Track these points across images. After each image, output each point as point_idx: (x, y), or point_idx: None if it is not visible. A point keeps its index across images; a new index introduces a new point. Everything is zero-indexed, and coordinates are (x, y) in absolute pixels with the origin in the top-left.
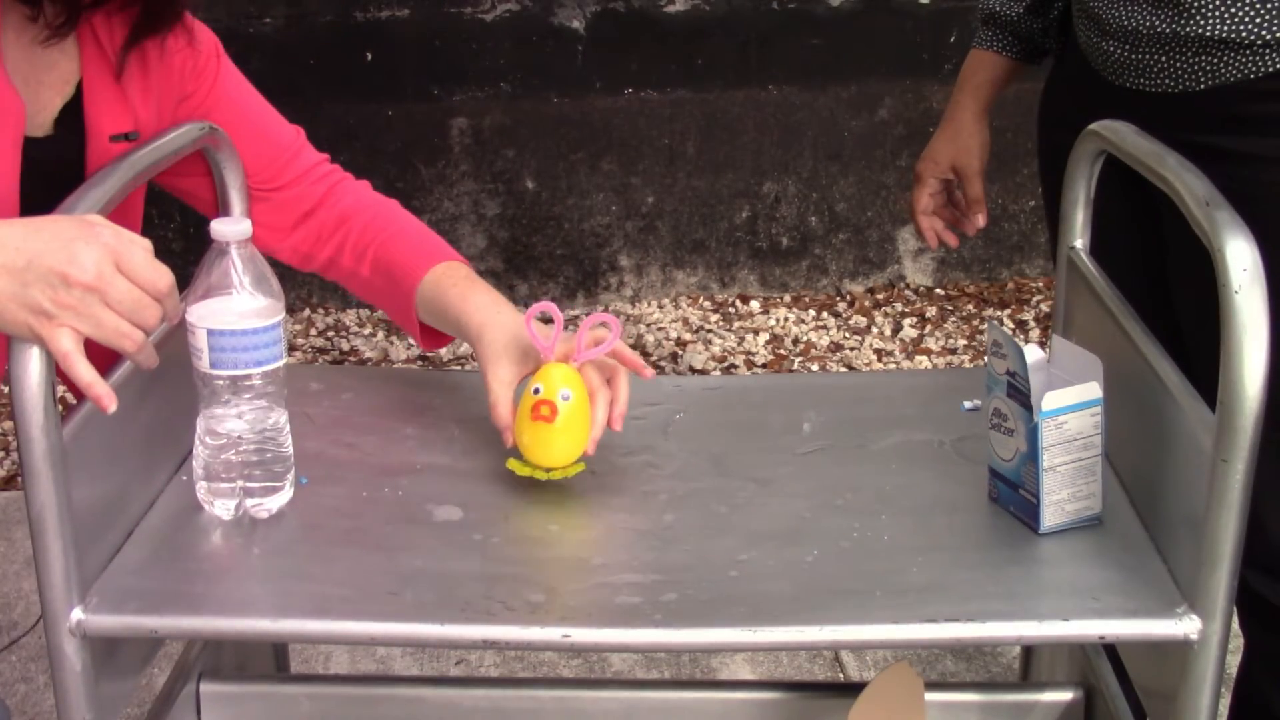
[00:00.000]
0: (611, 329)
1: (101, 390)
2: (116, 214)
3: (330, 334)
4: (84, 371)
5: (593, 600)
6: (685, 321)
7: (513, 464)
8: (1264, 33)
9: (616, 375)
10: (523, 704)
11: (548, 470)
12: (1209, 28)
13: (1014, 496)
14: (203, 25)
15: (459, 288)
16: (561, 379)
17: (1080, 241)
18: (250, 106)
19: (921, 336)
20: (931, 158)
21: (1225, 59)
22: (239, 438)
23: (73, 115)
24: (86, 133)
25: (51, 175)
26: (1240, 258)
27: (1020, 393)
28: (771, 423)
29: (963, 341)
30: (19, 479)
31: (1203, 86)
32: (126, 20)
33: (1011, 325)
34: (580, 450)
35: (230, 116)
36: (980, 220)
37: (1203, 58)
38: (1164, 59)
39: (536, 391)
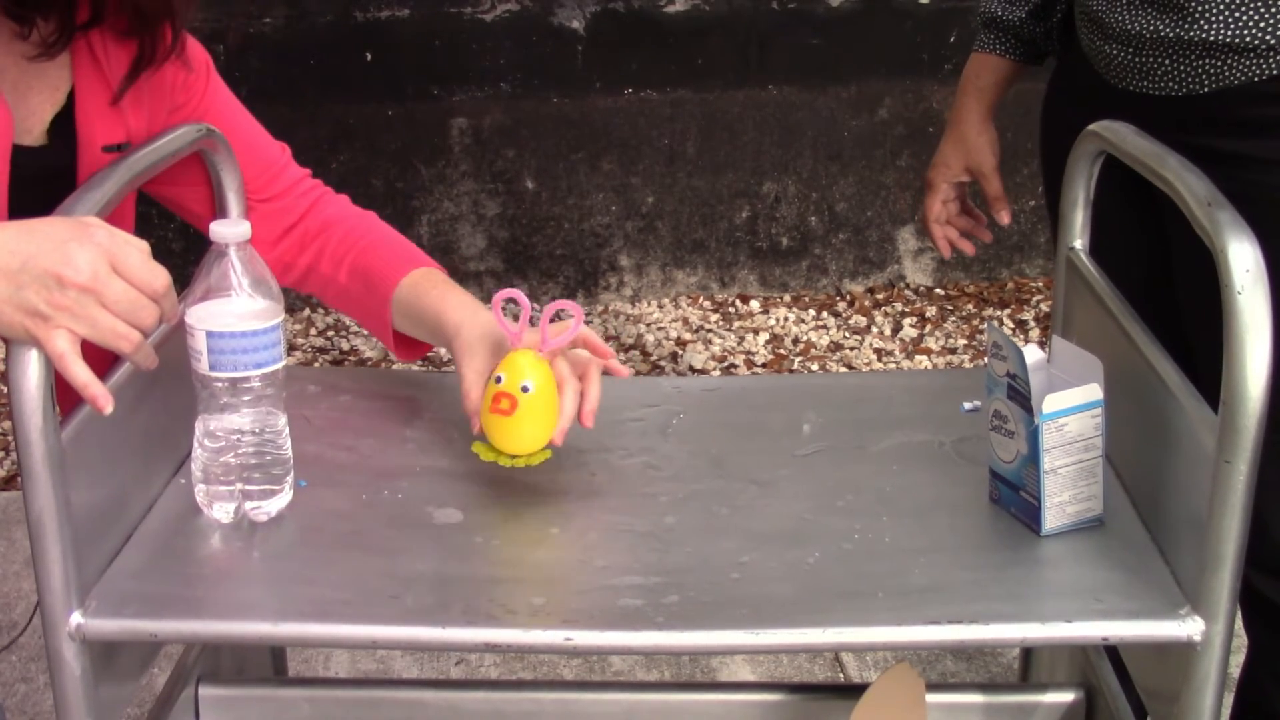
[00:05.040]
0: (574, 315)
1: (98, 391)
2: (109, 219)
3: (330, 334)
4: (80, 373)
5: (594, 602)
6: (685, 321)
7: (477, 447)
8: (1268, 36)
9: (589, 370)
10: (523, 706)
11: (511, 457)
12: (1212, 32)
13: (1015, 498)
14: (193, 40)
15: (438, 290)
16: (526, 368)
17: (1080, 242)
18: (239, 119)
19: (921, 336)
20: (943, 163)
21: (1229, 62)
22: (238, 440)
23: (65, 125)
24: (78, 143)
25: (42, 185)
26: (1243, 258)
27: (1021, 395)
28: (771, 424)
29: (963, 341)
30: (18, 479)
31: (1206, 90)
32: (119, 30)
33: (1011, 325)
34: (545, 439)
35: (220, 128)
36: (1005, 217)
37: (1206, 61)
38: (1167, 62)
39: (498, 381)
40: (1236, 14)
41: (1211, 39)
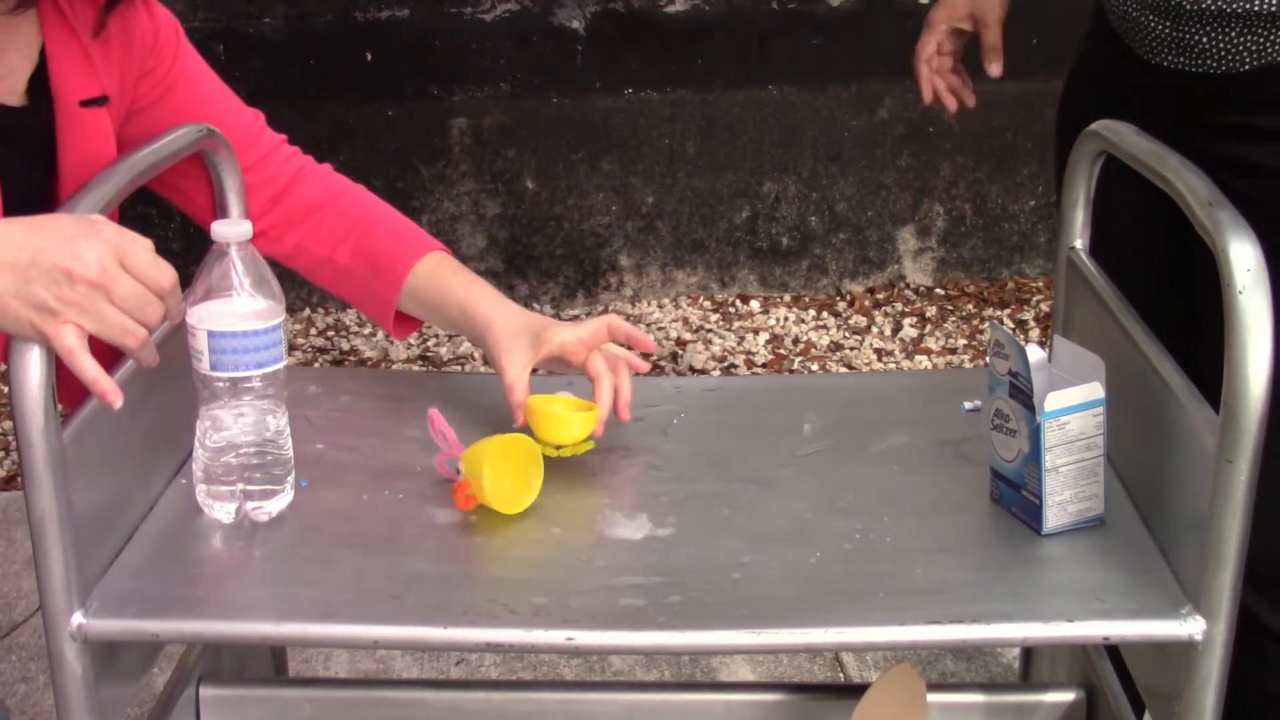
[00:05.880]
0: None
1: (107, 386)
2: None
3: (330, 334)
4: (89, 368)
5: (596, 603)
6: (685, 321)
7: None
8: None
9: (619, 365)
10: (525, 706)
11: (558, 447)
12: (1259, 2)
13: (1016, 497)
14: (163, 8)
15: (459, 280)
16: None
17: (1080, 241)
18: (210, 87)
19: (921, 336)
20: (949, 4)
21: (1272, 37)
22: (239, 440)
23: (42, 83)
24: (55, 100)
25: (23, 144)
26: (1244, 258)
27: (1023, 393)
28: (772, 424)
29: (963, 341)
30: (19, 479)
31: (1247, 66)
32: None
33: (1011, 325)
34: (588, 430)
35: (191, 95)
36: (995, 69)
37: (1248, 36)
38: (1207, 38)
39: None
40: None
41: (1256, 9)
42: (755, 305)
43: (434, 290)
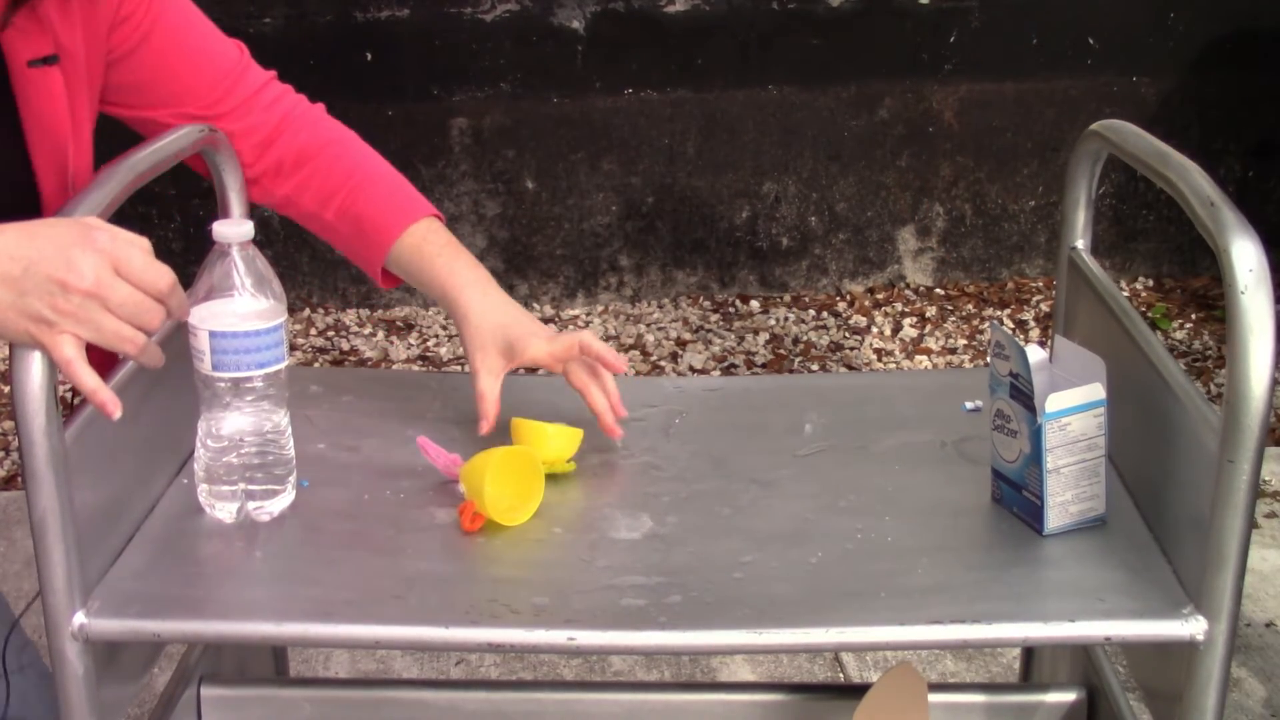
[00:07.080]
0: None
1: (106, 397)
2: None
3: (330, 334)
4: (87, 379)
5: (597, 603)
6: (685, 321)
7: None
8: None
9: (599, 371)
10: (525, 706)
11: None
12: None
13: (1017, 498)
14: None
15: (443, 257)
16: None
17: (1082, 241)
18: (191, 27)
19: (921, 336)
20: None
21: None
22: (240, 440)
23: None
24: (7, 60)
25: None
26: (1246, 257)
27: (1024, 394)
28: (773, 424)
29: (963, 341)
30: (19, 479)
31: None
32: None
33: (1011, 325)
34: (572, 451)
35: (170, 39)
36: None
37: None
38: None
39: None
40: None
41: None
42: (755, 305)
43: (418, 263)
